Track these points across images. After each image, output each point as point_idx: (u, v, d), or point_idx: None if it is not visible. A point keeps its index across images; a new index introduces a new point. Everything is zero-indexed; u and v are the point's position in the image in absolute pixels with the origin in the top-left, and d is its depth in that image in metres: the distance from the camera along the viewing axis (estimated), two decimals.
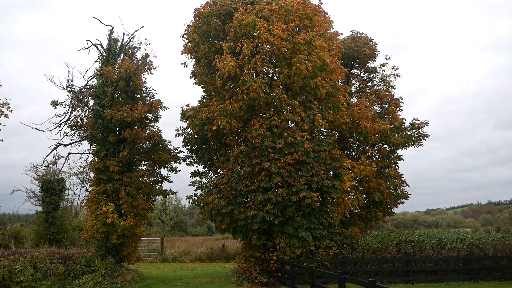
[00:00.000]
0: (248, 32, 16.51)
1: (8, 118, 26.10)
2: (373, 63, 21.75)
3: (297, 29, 17.18)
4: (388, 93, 21.12)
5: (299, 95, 16.92)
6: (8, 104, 26.63)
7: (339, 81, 19.57)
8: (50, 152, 18.76)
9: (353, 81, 22.32)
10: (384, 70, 21.92)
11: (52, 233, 24.82)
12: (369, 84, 22.05)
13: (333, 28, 20.03)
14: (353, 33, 21.72)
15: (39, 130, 18.46)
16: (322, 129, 17.54)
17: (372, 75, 21.98)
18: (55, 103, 18.30)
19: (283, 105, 16.07)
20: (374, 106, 20.78)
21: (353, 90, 21.98)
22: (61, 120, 18.73)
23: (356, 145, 21.14)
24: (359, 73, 22.28)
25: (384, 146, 20.58)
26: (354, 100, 20.64)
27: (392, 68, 21.77)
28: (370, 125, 17.96)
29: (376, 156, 20.73)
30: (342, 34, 21.29)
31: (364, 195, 19.24)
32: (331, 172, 16.75)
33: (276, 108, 16.47)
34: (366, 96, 20.61)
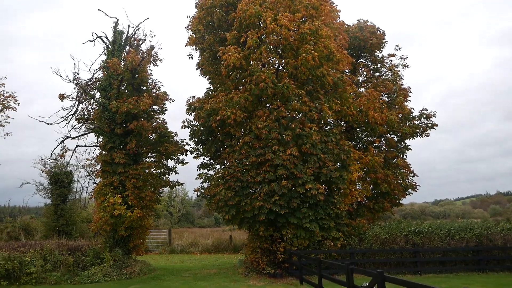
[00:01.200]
0: (253, 23, 16.35)
1: (15, 111, 26.24)
2: (380, 52, 21.49)
3: (303, 18, 16.97)
4: (396, 83, 20.88)
5: (306, 85, 16.78)
6: (15, 97, 26.73)
7: (346, 71, 19.36)
8: (58, 145, 18.88)
9: (360, 71, 22.07)
10: (391, 60, 21.68)
11: (61, 225, 25.07)
12: (377, 74, 21.79)
13: (339, 18, 19.78)
14: (360, 22, 21.38)
15: (47, 123, 18.57)
16: (329, 120, 17.42)
17: (379, 65, 21.70)
18: (62, 96, 18.35)
19: (290, 95, 15.93)
20: (382, 96, 20.56)
21: (360, 80, 21.75)
22: (68, 113, 18.81)
23: (364, 135, 20.98)
24: (366, 62, 22.00)
25: (392, 136, 20.41)
26: (362, 90, 20.43)
27: (401, 58, 21.50)
28: (378, 116, 17.78)
29: (384, 147, 20.57)
30: (348, 25, 21.02)
31: (371, 186, 19.13)
32: (338, 163, 16.64)
33: (283, 99, 16.34)
34: (374, 86, 20.37)
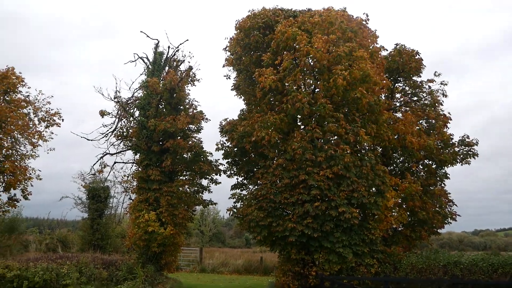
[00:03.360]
0: (289, 45, 16.51)
1: (59, 127, 27.40)
2: (419, 77, 21.00)
3: (341, 42, 16.92)
4: (434, 108, 20.30)
5: (342, 108, 16.64)
6: (60, 113, 27.93)
7: (382, 95, 19.07)
8: (97, 161, 19.53)
9: (397, 95, 21.66)
10: (430, 86, 21.05)
11: (97, 239, 25.67)
12: (414, 98, 21.29)
13: (377, 44, 19.57)
14: (398, 46, 21.06)
15: (88, 139, 19.32)
16: (365, 144, 17.16)
17: (417, 90, 21.16)
18: (102, 113, 19.09)
19: (327, 115, 15.82)
20: (420, 121, 20.03)
21: (397, 105, 21.35)
22: (108, 130, 19.49)
23: (400, 160, 20.46)
24: (403, 87, 21.57)
25: (430, 162, 19.78)
26: (399, 115, 20.02)
27: (441, 84, 20.84)
28: (416, 141, 17.32)
29: (422, 173, 19.93)
30: (387, 50, 20.74)
31: (408, 213, 18.50)
32: (373, 188, 16.27)
33: (319, 120, 16.27)
34: (412, 110, 19.90)
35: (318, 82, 17.02)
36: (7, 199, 27.62)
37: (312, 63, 16.54)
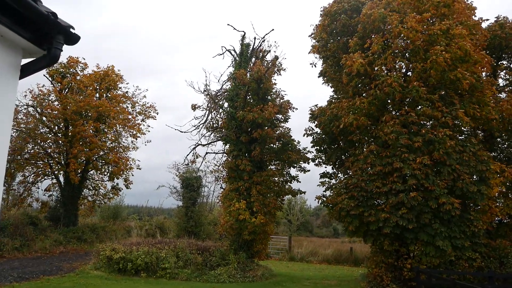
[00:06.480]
0: (377, 27, 15.77)
1: (155, 119, 29.47)
2: None
3: (433, 19, 15.79)
4: None
5: (438, 90, 15.50)
6: (154, 107, 29.99)
7: (485, 73, 17.39)
8: (190, 152, 20.54)
9: (502, 74, 19.58)
10: None
11: (191, 226, 27.18)
12: None
13: (475, 16, 17.88)
14: (500, 19, 18.92)
15: (181, 131, 20.36)
16: (464, 128, 15.83)
17: None
18: (194, 106, 19.99)
19: (420, 99, 14.85)
20: None
21: (502, 84, 19.32)
22: (199, 122, 20.37)
23: (506, 145, 18.57)
24: (508, 64, 19.42)
25: None
26: (503, 95, 18.12)
27: None
28: None
29: None
30: (488, 20, 18.76)
31: None
32: (475, 175, 14.95)
33: (411, 104, 15.36)
34: None
35: (411, 65, 16.05)
36: (110, 187, 30.58)
37: (404, 45, 15.64)
